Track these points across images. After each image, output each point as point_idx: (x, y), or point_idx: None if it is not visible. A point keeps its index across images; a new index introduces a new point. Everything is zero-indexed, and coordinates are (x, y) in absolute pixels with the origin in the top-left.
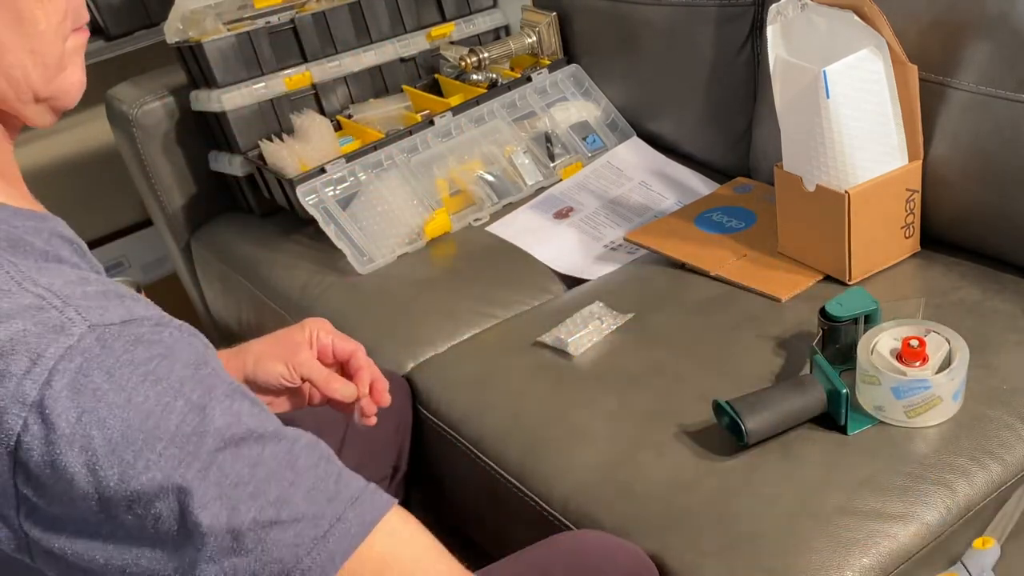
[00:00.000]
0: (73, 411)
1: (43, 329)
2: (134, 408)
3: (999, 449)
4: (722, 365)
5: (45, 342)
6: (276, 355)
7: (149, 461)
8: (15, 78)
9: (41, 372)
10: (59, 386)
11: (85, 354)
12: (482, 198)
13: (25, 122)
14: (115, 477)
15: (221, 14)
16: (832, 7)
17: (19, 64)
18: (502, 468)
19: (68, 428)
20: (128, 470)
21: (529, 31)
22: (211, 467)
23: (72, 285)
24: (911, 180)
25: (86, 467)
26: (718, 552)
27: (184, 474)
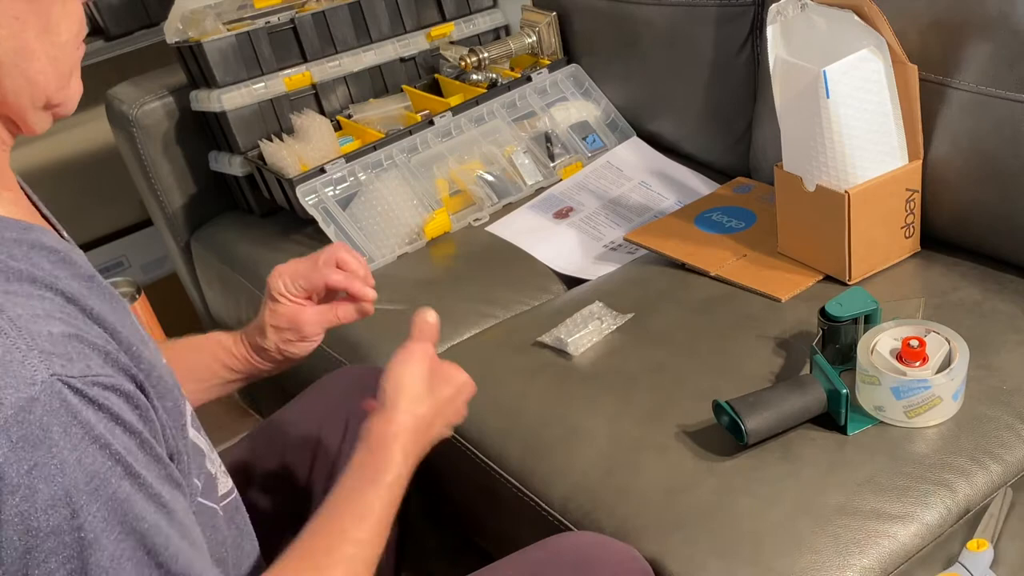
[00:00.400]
0: (25, 463)
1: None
2: (83, 468)
3: (999, 449)
4: (722, 365)
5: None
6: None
7: (83, 522)
8: (38, 83)
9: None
10: (15, 436)
11: (45, 407)
12: (482, 198)
13: (24, 127)
14: (46, 530)
15: (221, 14)
16: (832, 7)
17: (42, 71)
18: (502, 468)
19: (16, 478)
20: (62, 524)
21: (529, 31)
22: (133, 533)
23: (39, 321)
24: (911, 180)
25: (20, 516)
26: (718, 552)
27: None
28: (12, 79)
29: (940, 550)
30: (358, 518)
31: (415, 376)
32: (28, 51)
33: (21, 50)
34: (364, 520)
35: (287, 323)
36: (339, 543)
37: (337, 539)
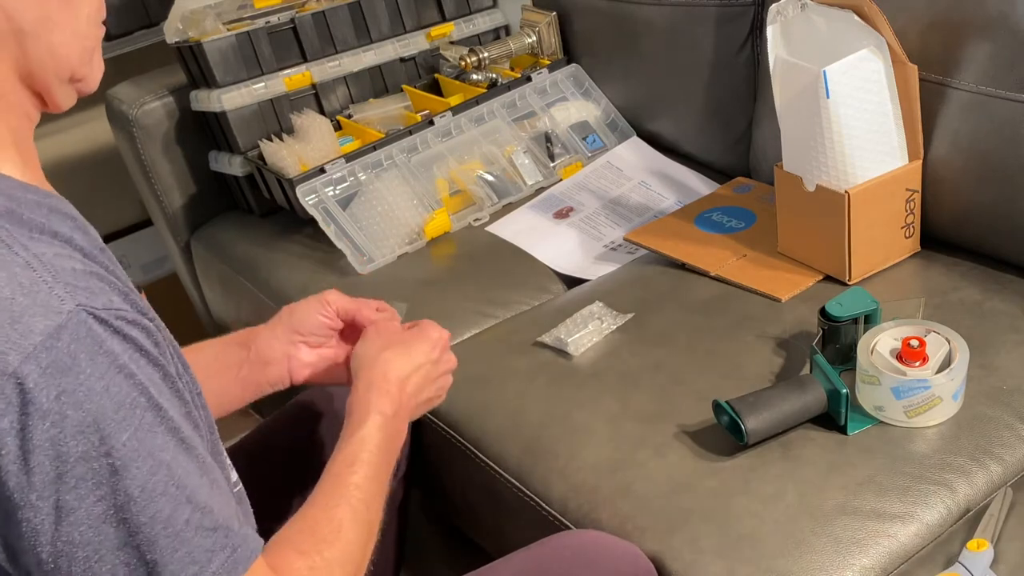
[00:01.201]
0: (53, 389)
1: (32, 302)
2: (110, 396)
3: (999, 449)
4: (722, 365)
5: (33, 317)
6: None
7: (111, 449)
8: (61, 55)
9: (27, 345)
10: (44, 362)
11: (73, 334)
12: (482, 198)
13: (49, 102)
14: (76, 455)
15: (221, 14)
16: (832, 7)
17: (65, 42)
18: (502, 468)
19: (46, 403)
20: (91, 450)
21: (529, 31)
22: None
23: (61, 259)
24: (911, 180)
25: (51, 442)
26: (718, 552)
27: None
28: (36, 49)
29: (940, 550)
30: (348, 465)
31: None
32: (51, 21)
33: (45, 20)
34: (354, 466)
35: None
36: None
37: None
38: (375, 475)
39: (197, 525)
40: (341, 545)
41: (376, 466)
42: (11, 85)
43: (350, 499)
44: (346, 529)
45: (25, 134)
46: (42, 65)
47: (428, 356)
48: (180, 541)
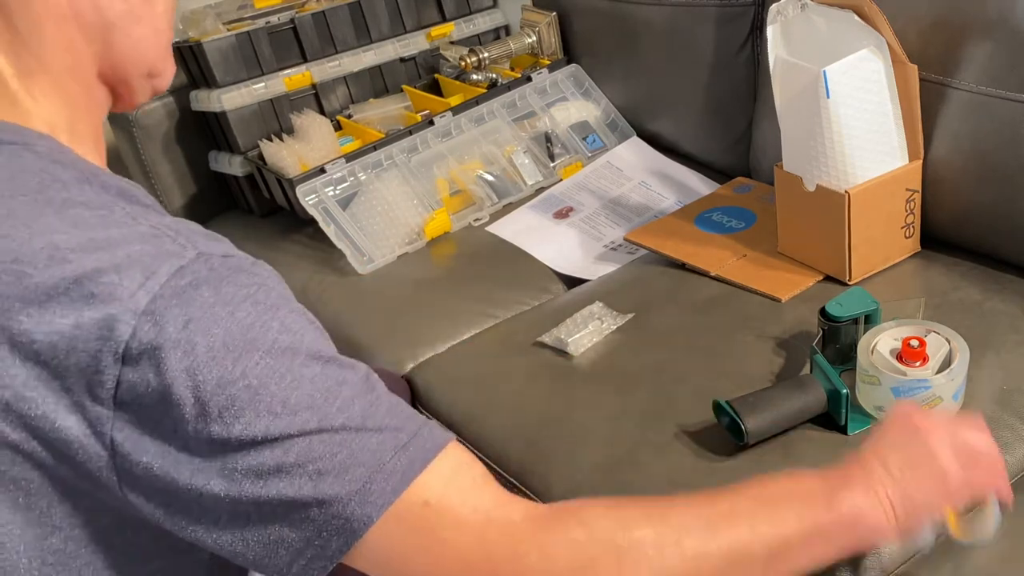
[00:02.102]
0: (180, 318)
1: (157, 251)
2: (236, 321)
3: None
4: (722, 365)
5: (159, 261)
6: None
7: (246, 369)
8: (142, 50)
9: (153, 284)
10: (169, 295)
11: (195, 273)
12: (482, 198)
13: (126, 95)
14: (212, 382)
15: (221, 14)
16: (832, 7)
17: (146, 37)
18: (502, 468)
19: (175, 333)
20: (226, 375)
21: (529, 31)
22: (303, 380)
23: (179, 223)
24: (911, 180)
25: (186, 372)
26: None
27: (278, 383)
28: (121, 42)
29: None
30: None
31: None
32: (135, 15)
33: (130, 14)
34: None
35: None
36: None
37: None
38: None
39: (355, 427)
40: None
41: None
42: (93, 79)
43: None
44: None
45: (99, 129)
46: (125, 59)
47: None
48: (338, 445)
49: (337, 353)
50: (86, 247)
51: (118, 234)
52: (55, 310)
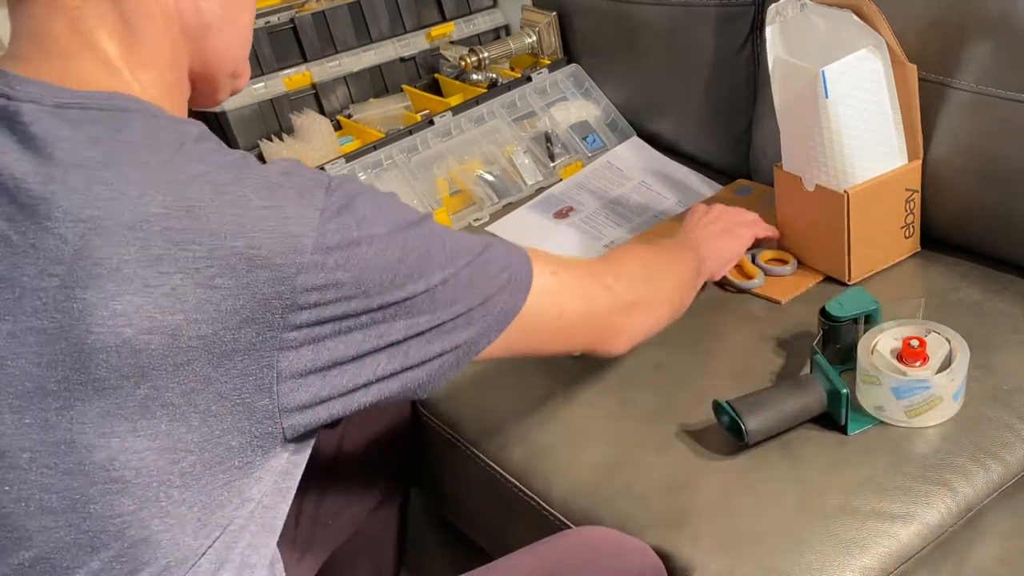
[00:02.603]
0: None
1: (302, 176)
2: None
3: (999, 449)
4: (722, 365)
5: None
6: None
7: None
8: (231, 51)
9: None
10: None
11: (338, 183)
12: (482, 198)
13: (209, 91)
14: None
15: None
16: (831, 7)
17: (235, 39)
18: (502, 468)
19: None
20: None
21: (529, 31)
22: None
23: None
24: (910, 180)
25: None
26: (718, 552)
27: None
28: (216, 43)
29: (940, 550)
30: None
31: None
32: (229, 19)
33: (228, 18)
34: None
35: None
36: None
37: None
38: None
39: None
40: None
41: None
42: (185, 74)
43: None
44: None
45: None
46: (216, 58)
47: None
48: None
49: None
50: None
51: (259, 168)
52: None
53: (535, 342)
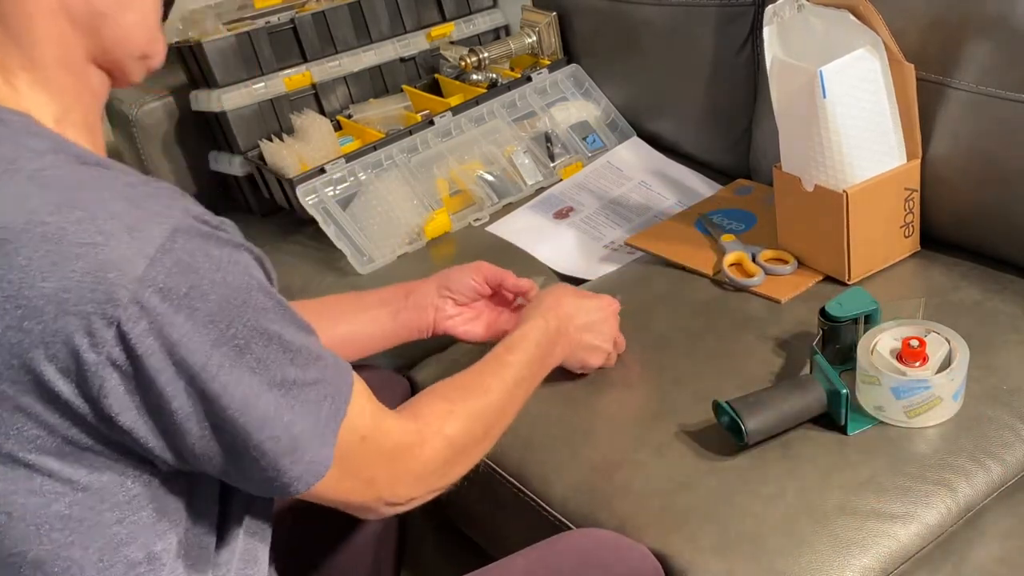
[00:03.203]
0: (183, 286)
1: (144, 212)
2: (227, 286)
3: (999, 449)
4: (722, 365)
5: (148, 223)
6: (461, 270)
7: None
8: (133, 35)
9: (150, 251)
10: (169, 263)
11: (186, 235)
12: (482, 198)
13: (121, 77)
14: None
15: (221, 14)
16: (828, 7)
17: (137, 22)
18: (502, 468)
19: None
20: (221, 336)
21: (529, 31)
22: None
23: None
24: (910, 179)
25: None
26: (718, 552)
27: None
28: (112, 30)
29: (940, 550)
30: (507, 348)
31: (551, 294)
32: (124, 4)
33: (118, 2)
34: (512, 349)
35: None
36: (491, 361)
37: (491, 360)
38: (529, 362)
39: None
40: (484, 403)
41: (531, 356)
42: (83, 66)
43: (503, 372)
44: (493, 392)
45: (95, 113)
46: (117, 45)
47: (599, 308)
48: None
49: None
50: (62, 207)
51: (96, 195)
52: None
53: None
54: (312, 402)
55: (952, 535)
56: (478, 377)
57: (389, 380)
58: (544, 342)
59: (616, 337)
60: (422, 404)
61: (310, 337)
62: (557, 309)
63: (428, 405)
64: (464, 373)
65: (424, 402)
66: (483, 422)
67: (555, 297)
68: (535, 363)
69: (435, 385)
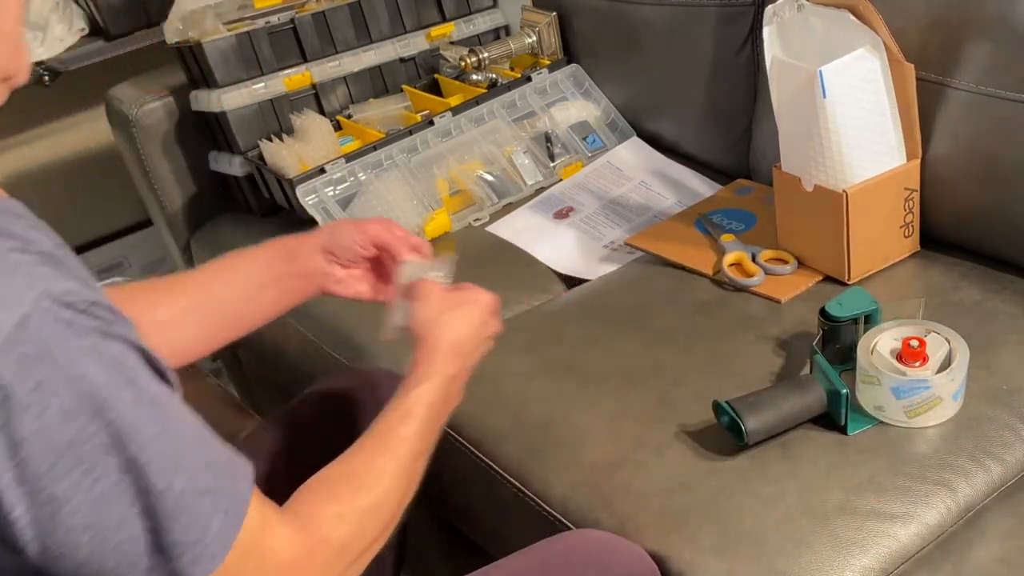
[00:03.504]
0: (31, 380)
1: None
2: (87, 381)
3: (999, 449)
4: (722, 365)
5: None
6: (354, 222)
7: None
8: None
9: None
10: (16, 355)
11: (39, 323)
12: (482, 198)
13: None
14: (65, 441)
15: (221, 14)
16: (828, 7)
17: None
18: (502, 468)
19: (26, 397)
20: (79, 435)
21: (529, 31)
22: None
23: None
24: (909, 179)
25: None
26: (718, 552)
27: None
28: None
29: (940, 550)
30: (400, 418)
31: (431, 307)
32: None
33: None
34: (405, 419)
35: None
36: (384, 437)
37: (382, 435)
38: (426, 432)
39: (194, 490)
40: (378, 494)
41: (428, 422)
42: None
43: (397, 450)
44: (387, 479)
45: None
46: None
47: (482, 319)
48: (179, 509)
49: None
50: None
51: None
52: None
53: None
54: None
55: (952, 535)
56: (370, 459)
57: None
58: (439, 400)
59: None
60: (309, 506)
61: (199, 436)
62: (450, 348)
63: (315, 507)
64: (355, 453)
65: (311, 503)
66: (377, 518)
67: (444, 331)
68: (432, 428)
69: (324, 474)
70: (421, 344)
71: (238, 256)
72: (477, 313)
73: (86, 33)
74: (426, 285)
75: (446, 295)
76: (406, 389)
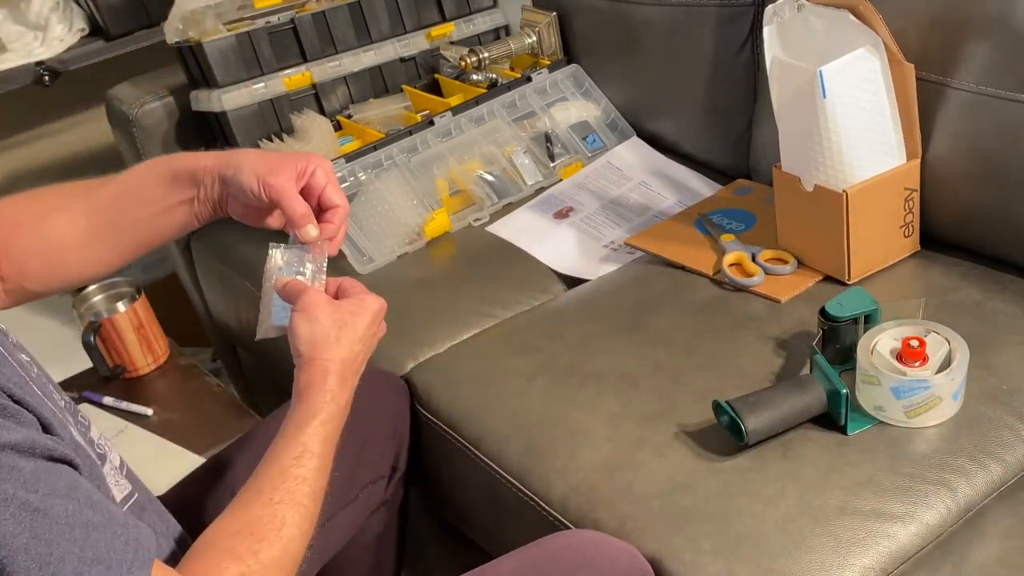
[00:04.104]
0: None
1: None
2: None
3: (999, 449)
4: (722, 365)
5: None
6: (257, 170)
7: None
8: None
9: None
10: None
11: None
12: (482, 198)
13: None
14: None
15: (221, 14)
16: (828, 7)
17: None
18: (502, 468)
19: None
20: None
21: (529, 31)
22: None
23: None
24: (909, 179)
25: None
26: (718, 552)
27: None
28: None
29: (940, 550)
30: (296, 457)
31: (320, 325)
32: None
33: None
34: (302, 458)
35: None
36: (281, 480)
37: (279, 478)
38: (323, 467)
39: None
40: (281, 545)
41: (325, 457)
42: None
43: (295, 494)
44: (288, 526)
45: None
46: None
47: (370, 330)
48: None
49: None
50: None
51: None
52: None
53: None
54: None
55: (952, 535)
56: (267, 508)
57: (388, 381)
58: (334, 432)
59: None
60: (211, 570)
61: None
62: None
63: (217, 570)
64: (251, 503)
65: (213, 566)
66: (282, 569)
67: (334, 352)
68: (328, 461)
69: (219, 530)
70: (309, 367)
71: (141, 180)
72: (366, 324)
73: (86, 33)
74: (310, 296)
75: (333, 311)
76: (298, 423)
